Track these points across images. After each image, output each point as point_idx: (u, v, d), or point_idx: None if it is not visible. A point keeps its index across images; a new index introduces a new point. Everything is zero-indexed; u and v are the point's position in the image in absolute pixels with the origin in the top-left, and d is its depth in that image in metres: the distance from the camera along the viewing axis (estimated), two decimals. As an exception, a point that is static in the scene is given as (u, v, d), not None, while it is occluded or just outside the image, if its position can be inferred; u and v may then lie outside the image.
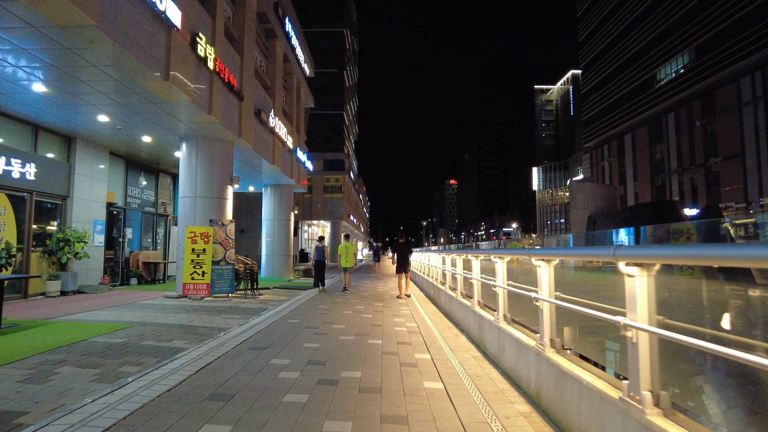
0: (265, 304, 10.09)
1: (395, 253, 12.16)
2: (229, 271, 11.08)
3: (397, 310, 9.45)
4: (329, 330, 6.83)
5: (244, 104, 11.93)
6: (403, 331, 6.90)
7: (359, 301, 10.73)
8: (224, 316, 8.19)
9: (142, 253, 14.64)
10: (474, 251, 6.74)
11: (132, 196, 14.66)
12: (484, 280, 6.21)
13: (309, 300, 10.78)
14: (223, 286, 10.99)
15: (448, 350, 5.74)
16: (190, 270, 10.72)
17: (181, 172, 11.54)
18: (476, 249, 7.03)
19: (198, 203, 11.36)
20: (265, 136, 14.30)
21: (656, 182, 49.74)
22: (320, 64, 71.32)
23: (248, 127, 12.26)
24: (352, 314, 8.57)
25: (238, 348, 5.51)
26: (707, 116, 41.59)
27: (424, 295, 12.74)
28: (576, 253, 4.07)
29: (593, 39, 65.59)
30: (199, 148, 11.44)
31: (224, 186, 11.70)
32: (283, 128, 15.69)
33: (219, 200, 11.58)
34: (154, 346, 5.69)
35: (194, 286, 10.68)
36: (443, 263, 10.64)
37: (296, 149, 18.03)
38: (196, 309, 9.03)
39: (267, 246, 18.69)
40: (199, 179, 11.39)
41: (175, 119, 10.03)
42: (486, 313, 6.00)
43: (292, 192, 19.41)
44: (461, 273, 8.03)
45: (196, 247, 10.83)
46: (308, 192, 43.04)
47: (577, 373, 3.14)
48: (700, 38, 42.95)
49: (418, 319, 8.21)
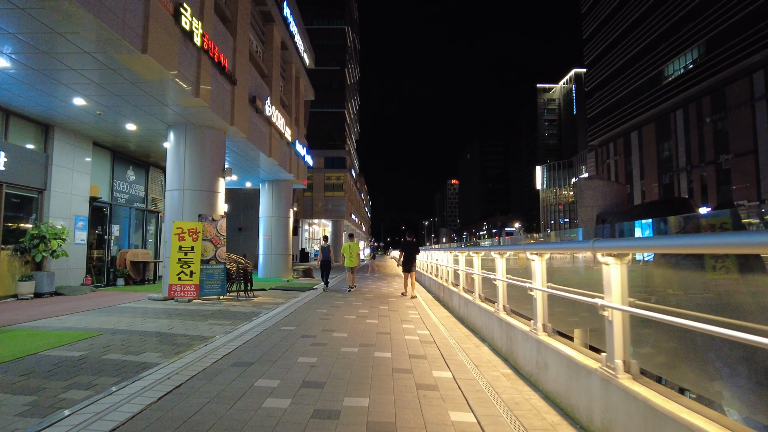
0: (259, 307, 9.14)
1: (403, 251, 11.70)
2: (219, 271, 10.13)
3: (405, 314, 8.49)
4: (329, 339, 5.87)
5: (237, 89, 10.97)
6: (414, 341, 5.94)
7: (362, 304, 9.78)
8: (210, 322, 7.23)
9: (131, 252, 13.70)
10: (497, 248, 5.77)
11: (119, 190, 13.72)
12: (513, 282, 5.25)
13: (308, 303, 9.83)
14: (213, 288, 10.04)
15: (471, 366, 4.78)
16: (177, 270, 9.77)
17: (169, 162, 10.60)
18: (498, 245, 6.07)
19: (186, 197, 10.41)
20: (261, 126, 13.35)
21: (664, 180, 48.70)
22: (321, 62, 70.44)
23: (242, 115, 11.31)
24: (355, 319, 7.61)
25: (219, 364, 4.56)
26: (718, 112, 40.53)
27: (433, 297, 11.78)
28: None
29: (598, 35, 64.52)
30: (188, 136, 10.49)
31: (215, 178, 10.76)
32: (280, 119, 14.74)
33: (209, 193, 10.64)
34: (118, 361, 4.74)
35: (181, 287, 9.73)
36: (455, 262, 9.68)
37: (295, 142, 17.08)
38: (181, 313, 8.08)
39: (264, 245, 17.74)
40: (187, 170, 10.44)
41: (160, 103, 9.08)
42: (516, 321, 5.03)
43: (291, 188, 18.46)
44: (479, 273, 7.07)
45: (183, 244, 9.88)
46: (309, 190, 42.10)
47: (682, 418, 2.17)
48: (710, 32, 41.90)
49: (429, 326, 7.25)
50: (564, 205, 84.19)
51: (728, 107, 39.21)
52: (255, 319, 7.39)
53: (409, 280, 11.37)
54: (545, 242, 5.34)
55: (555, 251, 4.40)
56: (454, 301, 8.90)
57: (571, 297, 3.49)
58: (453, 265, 9.90)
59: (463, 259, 8.51)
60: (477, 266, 7.17)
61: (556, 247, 4.48)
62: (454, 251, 10.04)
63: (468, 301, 7.55)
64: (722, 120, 39.94)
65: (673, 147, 47.25)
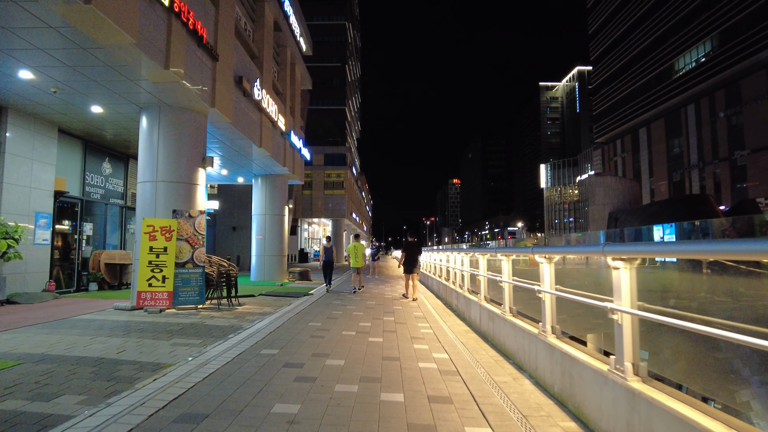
0: (242, 319, 7.73)
1: (405, 252, 11.33)
2: (197, 276, 8.72)
3: (415, 327, 7.07)
4: (320, 371, 4.46)
5: (220, 67, 9.57)
6: (431, 371, 4.54)
7: (364, 314, 8.37)
8: (176, 341, 5.83)
9: (106, 253, 12.30)
10: (544, 249, 4.36)
11: (93, 184, 12.32)
12: (572, 298, 3.82)
13: (300, 312, 8.41)
14: (189, 295, 8.62)
15: (516, 416, 3.38)
16: (147, 274, 8.36)
17: (141, 150, 9.20)
18: (546, 246, 4.66)
19: (160, 190, 9.01)
20: (250, 112, 11.94)
21: (674, 178, 47.22)
22: (321, 58, 69.24)
23: (225, 96, 9.90)
24: (354, 337, 6.20)
25: (159, 417, 3.16)
26: (732, 107, 39.05)
27: (443, 305, 10.36)
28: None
29: (605, 30, 63.02)
30: (163, 120, 9.08)
31: (194, 168, 9.35)
32: (272, 105, 13.32)
33: (187, 186, 9.23)
34: (13, 413, 3.32)
35: (152, 295, 8.32)
36: (473, 266, 8.26)
37: (290, 133, 15.66)
38: (144, 328, 6.67)
39: (257, 245, 16.34)
40: (162, 159, 9.04)
41: (125, 78, 7.68)
42: (579, 353, 3.60)
43: (286, 183, 17.05)
44: (510, 281, 5.65)
45: (155, 245, 8.47)
46: (308, 188, 40.71)
47: None
48: (723, 24, 40.41)
49: (446, 345, 5.84)
50: (569, 204, 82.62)
51: (744, 101, 37.72)
52: (232, 337, 5.98)
53: (411, 281, 10.99)
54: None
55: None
56: (473, 313, 7.48)
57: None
58: (469, 268, 8.48)
59: (485, 262, 7.09)
60: (506, 272, 5.74)
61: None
62: (469, 252, 8.62)
63: (494, 314, 6.13)
64: (737, 114, 38.45)
65: (683, 143, 45.77)
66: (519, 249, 5.95)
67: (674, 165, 47.43)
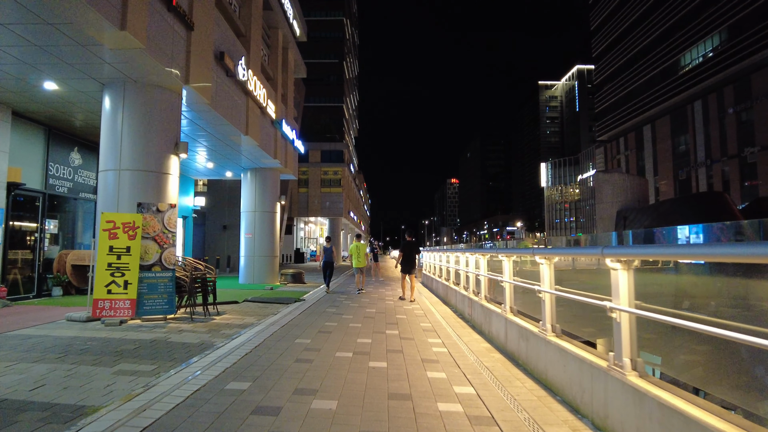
0: (216, 333, 6.43)
1: (402, 252, 10.95)
2: (166, 281, 7.41)
3: (424, 345, 5.79)
4: (303, 420, 3.16)
5: (196, 37, 8.27)
6: (457, 417, 3.26)
7: (363, 326, 7.08)
8: (120, 369, 4.52)
9: (73, 254, 10.95)
10: (618, 251, 3.09)
11: (58, 176, 10.99)
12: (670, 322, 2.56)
13: (288, 324, 7.12)
14: (156, 304, 7.32)
15: None
16: (106, 279, 7.05)
17: (103, 134, 7.90)
18: (620, 246, 3.37)
19: (124, 179, 7.71)
20: (234, 94, 10.64)
21: (680, 176, 46.09)
22: (319, 54, 68.01)
23: (202, 72, 8.59)
24: (351, 360, 4.91)
25: None
26: (742, 102, 37.90)
27: (453, 312, 9.08)
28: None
29: (608, 25, 61.85)
30: (128, 98, 7.78)
31: (164, 155, 8.05)
32: (261, 89, 12.01)
33: (156, 175, 7.93)
34: None
35: (111, 303, 7.01)
36: (494, 270, 6.98)
37: (281, 122, 14.34)
38: (88, 348, 5.36)
39: (246, 244, 15.03)
40: (126, 144, 7.74)
41: (76, 43, 6.38)
42: (693, 409, 2.32)
43: (277, 177, 15.74)
44: (551, 291, 4.36)
45: (115, 244, 7.16)
46: (304, 186, 39.40)
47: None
48: (731, 18, 39.25)
49: (468, 371, 4.57)
50: (569, 204, 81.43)
51: (754, 96, 36.57)
52: (195, 362, 4.69)
53: (408, 282, 10.63)
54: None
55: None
56: (495, 326, 6.20)
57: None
58: (486, 272, 7.19)
59: (510, 265, 5.80)
60: (547, 279, 4.46)
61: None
62: (487, 253, 7.32)
63: (527, 332, 4.85)
64: (747, 110, 37.30)
65: (690, 141, 44.62)
66: (565, 250, 4.66)
67: (680, 163, 46.28)
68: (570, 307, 4.53)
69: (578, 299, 3.87)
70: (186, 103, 9.08)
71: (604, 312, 3.16)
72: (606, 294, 3.26)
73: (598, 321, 3.58)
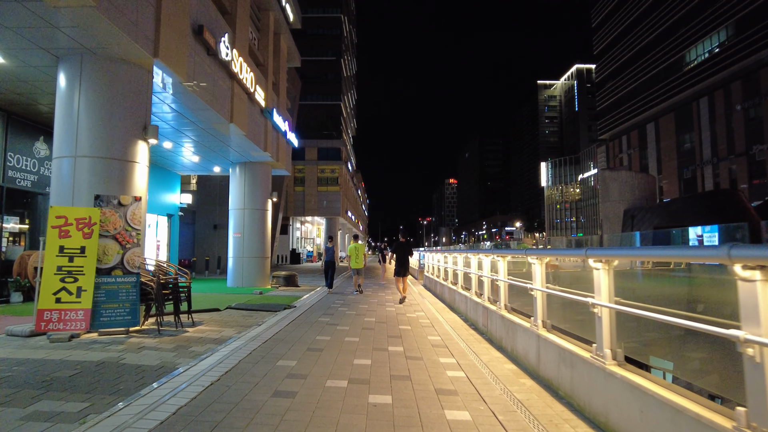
0: (183, 351, 5.30)
1: (395, 253, 10.92)
2: (128, 287, 6.27)
3: (436, 367, 4.68)
4: None
5: (168, 4, 7.14)
6: None
7: (361, 340, 5.96)
8: (35, 410, 3.39)
9: (37, 255, 9.78)
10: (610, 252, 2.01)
11: (20, 169, 9.84)
12: None
13: (272, 339, 5.99)
14: (117, 314, 6.18)
15: None
16: (55, 285, 5.91)
17: (57, 115, 6.77)
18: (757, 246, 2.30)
19: (81, 168, 6.58)
20: (217, 76, 9.51)
21: (685, 174, 45.13)
22: (316, 52, 66.87)
23: (176, 47, 7.46)
24: (345, 392, 3.79)
25: None
26: (750, 99, 36.93)
27: (463, 321, 7.96)
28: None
29: (610, 22, 60.89)
30: (86, 72, 6.65)
31: (131, 140, 6.92)
32: (249, 73, 10.88)
33: (120, 163, 6.80)
34: None
35: (61, 314, 5.87)
36: (519, 275, 5.87)
37: (272, 111, 13.20)
38: (9, 377, 4.22)
39: (234, 245, 13.89)
40: (84, 127, 6.61)
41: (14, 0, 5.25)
42: None
43: (269, 172, 14.61)
44: (610, 305, 3.26)
45: (67, 243, 6.03)
46: (300, 184, 38.25)
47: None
48: (739, 12, 38.30)
49: (498, 408, 3.44)
50: (570, 203, 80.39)
51: (763, 93, 35.61)
52: (144, 394, 3.56)
53: (401, 284, 10.49)
54: None
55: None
56: (522, 343, 5.08)
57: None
58: (507, 278, 6.07)
59: (541, 270, 4.69)
60: (604, 290, 3.35)
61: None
62: (508, 254, 6.20)
63: (575, 357, 3.73)
64: (756, 107, 36.33)
65: (695, 138, 43.64)
66: (632, 251, 3.55)
67: (684, 161, 45.30)
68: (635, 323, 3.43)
69: (657, 318, 2.77)
70: (162, 85, 7.96)
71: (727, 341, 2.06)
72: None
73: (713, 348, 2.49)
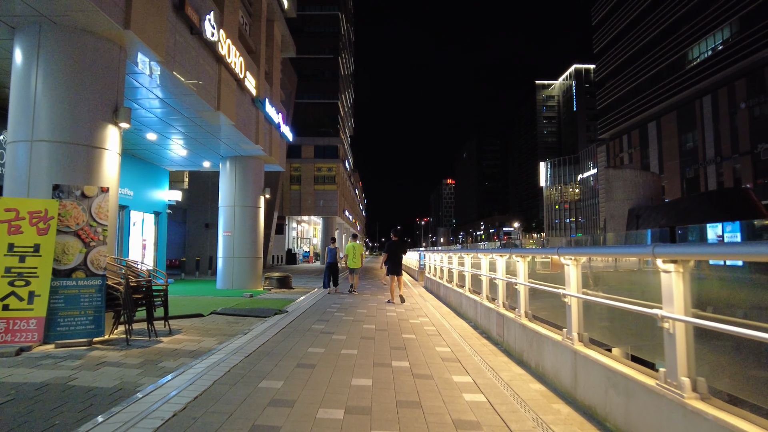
0: (150, 368, 4.48)
1: (387, 252, 10.68)
2: (93, 291, 5.44)
3: (450, 388, 3.86)
4: None
5: (141, -30, 6.32)
6: None
7: (360, 353, 5.14)
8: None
9: (5, 254, 8.93)
10: None
11: (-14, 160, 8.98)
12: None
13: (257, 351, 5.16)
14: (78, 323, 5.35)
15: None
16: (3, 289, 5.07)
17: (12, 93, 5.94)
18: None
19: (39, 154, 5.74)
20: (203, 59, 8.68)
21: (687, 174, 44.49)
22: (313, 50, 66.11)
23: (153, 19, 6.63)
24: (341, 427, 2.98)
25: None
26: (755, 97, 36.31)
27: (473, 329, 7.15)
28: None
29: (611, 20, 60.29)
30: (45, 45, 5.82)
31: (98, 123, 6.08)
32: (238, 57, 10.06)
33: (86, 149, 5.96)
34: None
35: (9, 323, 5.03)
36: (556, 280, 5.08)
37: (264, 101, 12.37)
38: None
39: (224, 244, 13.05)
40: (43, 106, 5.77)
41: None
42: None
43: (261, 167, 13.77)
44: (686, 318, 2.46)
45: (18, 241, 5.19)
46: (296, 183, 37.40)
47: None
48: (743, 9, 37.69)
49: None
50: (569, 204, 79.77)
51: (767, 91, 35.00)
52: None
53: (395, 284, 10.37)
54: None
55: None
56: (551, 360, 4.27)
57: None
58: (527, 281, 5.26)
59: (576, 273, 3.89)
60: (677, 300, 2.55)
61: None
62: (528, 254, 5.39)
63: (632, 384, 2.92)
64: (761, 105, 35.71)
65: (698, 137, 43.01)
66: (714, 248, 2.75)
67: (687, 160, 44.66)
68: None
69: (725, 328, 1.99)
70: (138, 63, 7.13)
71: None
72: None
73: None
